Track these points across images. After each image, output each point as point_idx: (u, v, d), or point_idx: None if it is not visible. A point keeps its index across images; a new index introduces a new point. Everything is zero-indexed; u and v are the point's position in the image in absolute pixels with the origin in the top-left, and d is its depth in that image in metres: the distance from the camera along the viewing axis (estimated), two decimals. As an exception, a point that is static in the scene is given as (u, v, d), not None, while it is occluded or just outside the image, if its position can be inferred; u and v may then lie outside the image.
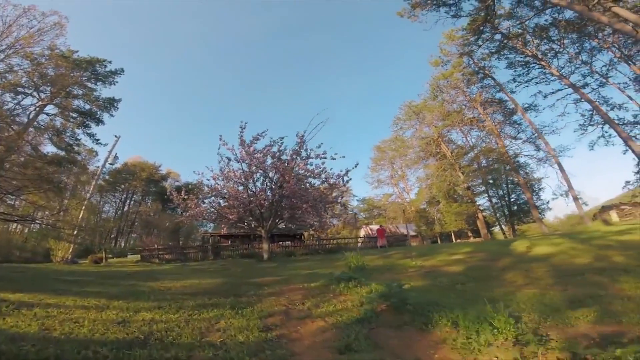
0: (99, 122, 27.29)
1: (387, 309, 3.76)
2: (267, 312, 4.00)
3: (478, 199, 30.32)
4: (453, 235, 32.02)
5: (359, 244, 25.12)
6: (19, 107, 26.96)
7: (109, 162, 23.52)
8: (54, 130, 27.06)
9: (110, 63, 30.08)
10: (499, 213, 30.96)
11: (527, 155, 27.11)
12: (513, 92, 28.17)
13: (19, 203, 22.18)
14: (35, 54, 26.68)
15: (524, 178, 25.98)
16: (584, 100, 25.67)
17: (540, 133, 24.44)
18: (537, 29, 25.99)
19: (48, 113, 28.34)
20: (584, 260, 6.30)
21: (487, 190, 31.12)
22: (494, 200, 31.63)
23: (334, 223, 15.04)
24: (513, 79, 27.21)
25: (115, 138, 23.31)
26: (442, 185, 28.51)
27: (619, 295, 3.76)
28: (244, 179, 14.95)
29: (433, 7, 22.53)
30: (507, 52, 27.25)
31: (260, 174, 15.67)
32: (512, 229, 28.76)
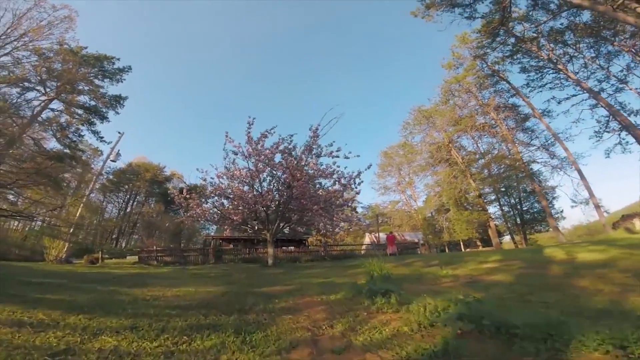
0: (104, 118, 26.44)
1: (468, 335, 2.52)
2: (286, 340, 2.76)
3: (488, 208, 28.98)
4: (462, 245, 30.54)
5: (363, 251, 23.82)
6: (25, 101, 26.27)
7: (111, 158, 22.50)
8: (58, 126, 26.17)
9: (119, 60, 29.48)
10: (511, 222, 29.49)
11: (541, 162, 25.90)
12: (527, 97, 27.11)
13: (16, 199, 21.17)
14: (44, 49, 26.13)
15: (540, 186, 24.62)
16: (601, 106, 24.54)
17: (559, 138, 23.18)
18: (552, 33, 25.02)
19: (53, 109, 27.56)
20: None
21: (498, 199, 29.78)
22: (505, 209, 30.29)
23: (345, 228, 13.58)
24: (526, 84, 26.18)
25: (119, 134, 22.39)
26: (452, 193, 27.18)
27: None
28: (250, 178, 13.82)
29: (447, 7, 21.68)
30: (520, 56, 26.25)
31: (267, 173, 14.55)
32: (524, 238, 27.27)
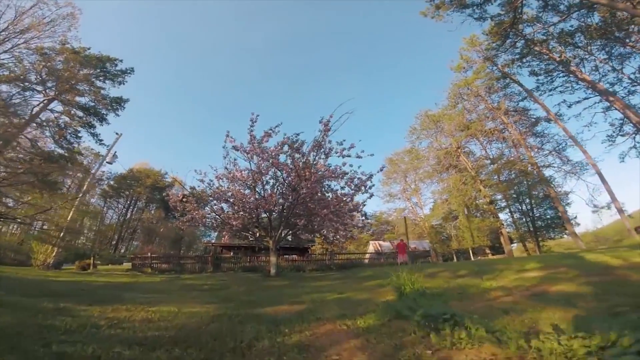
0: (103, 120, 25.35)
1: None
2: None
3: (499, 214, 27.49)
4: (471, 253, 28.89)
5: (367, 260, 22.30)
6: (24, 101, 25.29)
7: (107, 160, 21.27)
8: (56, 126, 25.09)
9: (121, 62, 28.67)
10: (523, 228, 27.92)
11: (555, 167, 24.57)
12: (539, 99, 25.98)
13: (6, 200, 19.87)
14: (46, 48, 25.32)
15: (556, 191, 23.19)
16: (615, 109, 23.40)
17: (577, 141, 21.86)
18: (562, 35, 24.11)
19: (52, 109, 26.55)
20: None
21: (508, 205, 28.32)
22: (516, 216, 28.74)
23: (356, 235, 12.09)
24: (536, 87, 25.14)
25: (117, 135, 21.24)
26: (462, 199, 25.75)
27: None
28: (252, 180, 12.50)
29: (457, 8, 20.81)
30: (530, 58, 25.28)
31: (271, 176, 13.25)
32: (537, 245, 25.68)
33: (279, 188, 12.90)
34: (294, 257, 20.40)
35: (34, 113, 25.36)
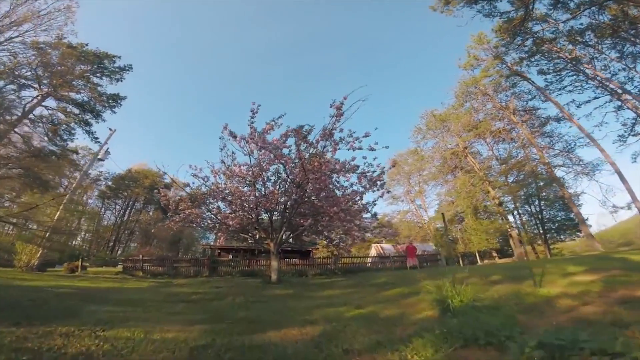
0: (98, 116, 24.12)
1: None
2: None
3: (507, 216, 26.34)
4: (478, 256, 27.58)
5: (369, 264, 20.94)
6: (18, 98, 24.07)
7: (100, 156, 19.98)
8: (49, 123, 23.85)
9: (120, 59, 27.52)
10: (533, 231, 26.69)
11: (569, 167, 23.49)
12: (545, 100, 24.93)
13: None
14: (41, 43, 24.18)
15: (569, 192, 22.04)
16: (627, 108, 22.38)
17: (595, 140, 20.72)
18: (572, 33, 23.14)
19: (47, 106, 25.32)
20: None
21: (516, 207, 27.16)
22: (524, 218, 27.59)
23: (367, 237, 10.69)
24: (545, 87, 24.13)
25: (110, 131, 19.98)
26: (470, 201, 24.55)
27: None
28: (252, 177, 11.23)
29: (467, 3, 19.82)
30: (539, 57, 24.27)
31: (272, 172, 11.98)
32: (547, 248, 24.45)
33: (282, 185, 11.64)
34: (296, 260, 19.06)
35: (27, 109, 24.16)
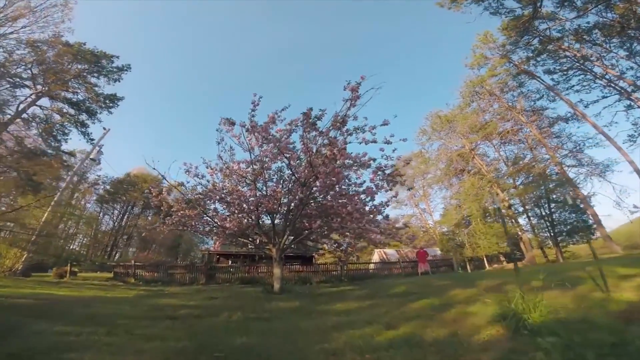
0: (94, 115, 23.06)
1: None
2: None
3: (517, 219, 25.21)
4: (485, 260, 26.27)
5: (372, 270, 19.65)
6: (11, 97, 23.02)
7: (92, 156, 18.83)
8: (43, 122, 22.75)
9: (118, 58, 26.59)
10: (543, 234, 25.51)
11: (575, 166, 22.51)
12: (553, 100, 24.02)
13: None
14: (37, 41, 23.24)
15: (583, 193, 20.99)
16: (637, 107, 21.44)
17: (612, 139, 19.69)
18: (579, 32, 22.35)
19: (42, 106, 24.24)
20: None
21: (525, 210, 26.01)
22: (534, 220, 26.43)
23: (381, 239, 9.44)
24: (553, 86, 23.28)
25: (104, 130, 18.87)
26: (479, 204, 23.39)
27: None
28: (253, 175, 10.09)
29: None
30: (546, 56, 23.42)
31: (275, 171, 10.86)
32: (559, 251, 23.22)
33: (285, 185, 10.49)
34: (298, 267, 17.75)
35: (20, 110, 23.08)
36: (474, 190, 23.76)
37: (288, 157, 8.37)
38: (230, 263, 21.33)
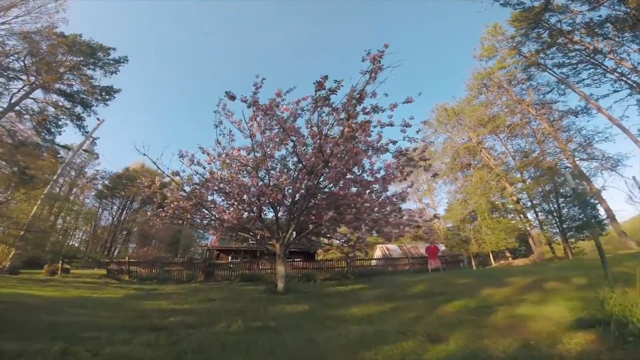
0: (89, 107, 22.00)
1: None
2: None
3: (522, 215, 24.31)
4: (491, 256, 25.38)
5: (380, 267, 18.73)
6: (4, 89, 21.90)
7: (84, 147, 17.78)
8: (36, 114, 21.68)
9: (115, 50, 25.48)
10: (551, 229, 24.66)
11: (587, 160, 21.62)
12: (563, 93, 23.05)
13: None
14: (30, 31, 22.08)
15: (597, 188, 20.08)
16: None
17: (629, 131, 18.76)
18: (590, 25, 21.36)
19: (36, 98, 23.13)
20: None
21: (533, 205, 25.10)
22: (541, 216, 25.56)
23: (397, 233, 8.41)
24: (564, 79, 22.28)
25: (98, 121, 17.82)
26: (486, 199, 22.47)
27: None
28: (254, 163, 9.08)
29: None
30: (555, 49, 22.43)
31: (279, 159, 9.86)
32: (568, 247, 22.38)
33: (290, 174, 9.49)
34: (301, 263, 16.79)
35: (14, 102, 21.98)
36: (482, 184, 22.80)
37: (294, 140, 7.36)
38: (230, 259, 20.36)
